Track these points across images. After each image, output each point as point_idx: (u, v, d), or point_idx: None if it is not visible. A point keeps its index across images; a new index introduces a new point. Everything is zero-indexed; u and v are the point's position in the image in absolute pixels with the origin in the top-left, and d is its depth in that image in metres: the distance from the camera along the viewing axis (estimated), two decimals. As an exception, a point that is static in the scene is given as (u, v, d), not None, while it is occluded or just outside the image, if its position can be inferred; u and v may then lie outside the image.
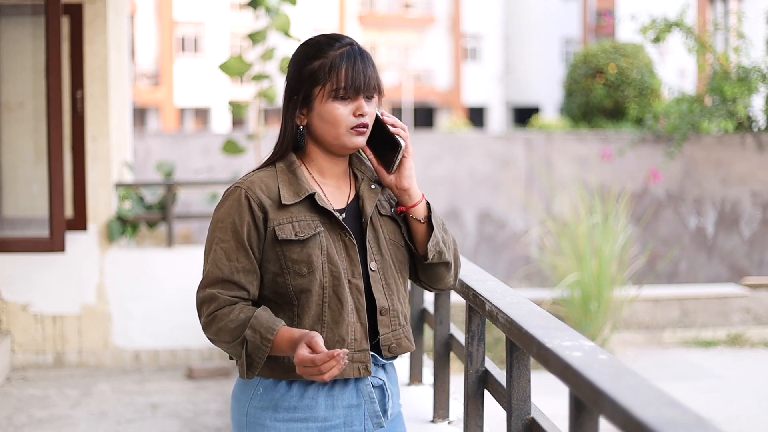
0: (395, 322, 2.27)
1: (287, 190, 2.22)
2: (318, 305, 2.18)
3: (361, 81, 2.20)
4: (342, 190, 2.30)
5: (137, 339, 6.87)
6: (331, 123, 2.21)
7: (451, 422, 3.63)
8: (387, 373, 2.33)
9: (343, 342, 2.19)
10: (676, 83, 17.79)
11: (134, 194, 7.29)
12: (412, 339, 2.34)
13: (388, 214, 2.31)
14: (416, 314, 4.06)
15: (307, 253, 2.18)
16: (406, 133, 2.27)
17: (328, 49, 2.22)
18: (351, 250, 2.22)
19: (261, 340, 2.12)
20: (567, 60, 37.33)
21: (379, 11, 43.08)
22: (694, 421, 1.56)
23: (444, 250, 2.31)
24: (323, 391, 2.23)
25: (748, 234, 12.79)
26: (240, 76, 8.03)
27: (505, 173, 14.62)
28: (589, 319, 8.69)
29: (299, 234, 2.19)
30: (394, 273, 2.28)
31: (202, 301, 2.20)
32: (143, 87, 37.11)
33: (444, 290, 2.42)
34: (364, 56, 2.23)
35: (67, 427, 5.47)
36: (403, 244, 2.31)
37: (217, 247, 2.21)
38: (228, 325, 2.15)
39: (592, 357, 1.95)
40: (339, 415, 2.24)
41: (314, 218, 2.21)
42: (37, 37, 6.21)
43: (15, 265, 6.70)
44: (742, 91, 12.63)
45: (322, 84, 2.20)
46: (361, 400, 2.26)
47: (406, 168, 2.27)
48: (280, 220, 2.19)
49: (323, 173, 2.29)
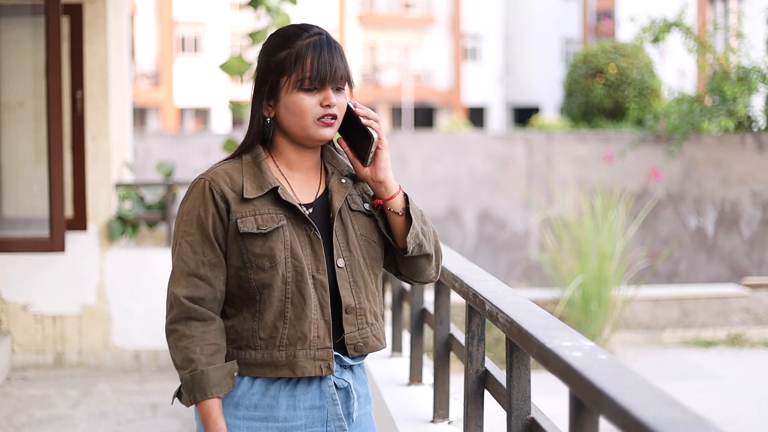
0: (362, 321, 2.23)
1: (251, 183, 2.18)
2: (280, 300, 2.15)
3: (328, 71, 2.16)
4: (311, 183, 2.26)
5: (137, 339, 6.87)
6: (297, 114, 2.17)
7: (451, 422, 3.63)
8: (354, 374, 2.28)
9: (305, 339, 2.16)
10: (676, 83, 17.81)
11: (134, 194, 7.29)
12: (383, 337, 2.29)
13: (360, 209, 2.26)
14: (416, 314, 4.06)
15: (269, 246, 2.15)
16: (378, 125, 2.23)
17: (296, 39, 2.18)
18: (316, 245, 2.18)
19: (191, 393, 2.13)
20: (567, 60, 37.33)
21: (379, 11, 43.07)
22: (694, 421, 1.56)
23: (424, 242, 2.27)
24: (285, 390, 2.20)
25: (748, 234, 12.79)
26: (240, 75, 8.02)
27: (505, 173, 14.62)
28: (589, 319, 8.69)
29: (261, 227, 2.15)
30: (363, 270, 2.24)
31: (167, 301, 2.19)
32: (143, 87, 37.11)
33: (426, 283, 2.38)
34: (331, 46, 2.18)
35: (67, 427, 5.47)
36: (376, 240, 2.27)
37: (182, 241, 2.18)
38: (182, 351, 2.14)
39: (592, 357, 1.94)
40: (300, 416, 2.21)
41: (278, 212, 2.17)
42: (37, 37, 6.21)
43: (15, 265, 6.70)
44: (741, 91, 12.63)
45: (288, 74, 2.16)
46: (323, 402, 2.22)
47: (382, 160, 2.23)
48: (242, 212, 2.16)
49: (291, 166, 2.25)
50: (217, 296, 2.18)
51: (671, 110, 13.61)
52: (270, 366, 2.17)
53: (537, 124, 24.87)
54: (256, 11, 8.02)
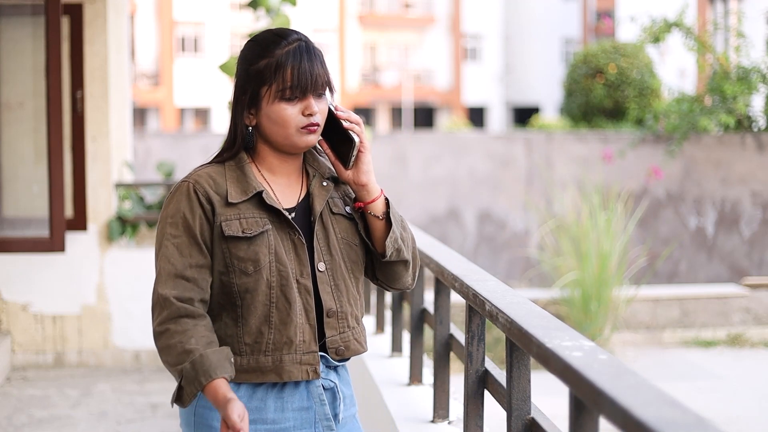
0: (343, 324, 2.22)
1: (234, 188, 2.17)
2: (265, 305, 2.14)
3: (309, 80, 2.14)
4: (293, 188, 2.25)
5: (137, 339, 6.87)
6: (279, 124, 2.16)
7: (451, 422, 3.63)
8: (339, 375, 2.28)
9: (291, 344, 2.15)
10: (676, 83, 17.80)
11: (134, 194, 7.29)
12: (364, 341, 2.28)
13: (341, 212, 2.25)
14: (416, 314, 4.06)
15: (254, 251, 2.13)
16: (360, 128, 2.22)
17: (274, 47, 2.16)
18: (300, 250, 2.17)
19: (195, 380, 2.06)
20: (567, 60, 37.32)
21: (379, 11, 43.07)
22: (694, 421, 1.56)
23: (402, 248, 2.26)
24: (272, 393, 2.19)
25: (748, 234, 12.79)
26: (240, 76, 8.01)
27: (505, 173, 14.62)
28: (589, 319, 8.69)
29: (246, 231, 2.14)
30: (344, 273, 2.23)
31: (154, 304, 2.14)
32: (143, 87, 37.11)
33: (401, 290, 2.36)
34: (311, 54, 2.16)
35: (67, 427, 5.47)
36: (357, 243, 2.26)
37: (168, 243, 2.15)
38: (175, 347, 2.08)
39: (592, 357, 1.94)
40: (289, 418, 2.20)
41: (262, 216, 2.16)
42: (37, 37, 6.21)
43: (15, 265, 6.70)
44: (741, 91, 12.63)
45: (269, 84, 2.15)
46: (311, 403, 2.22)
47: (364, 163, 2.22)
48: (227, 216, 2.15)
49: (273, 171, 2.23)
50: (204, 298, 2.16)
51: (671, 110, 13.61)
52: (256, 371, 2.16)
53: (537, 124, 24.86)
54: (256, 12, 8.01)
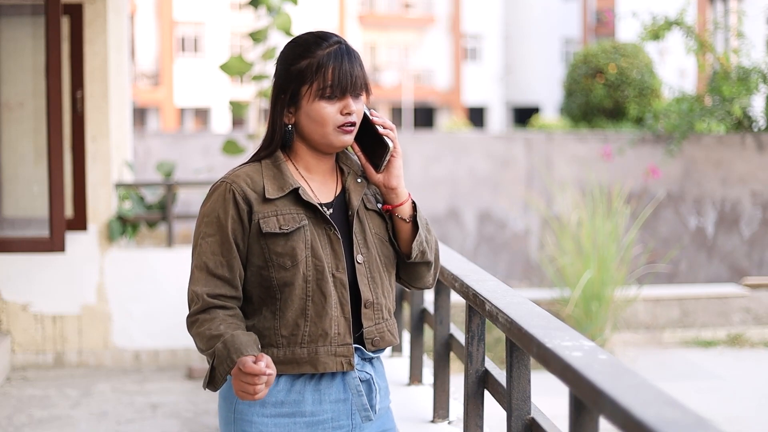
0: (378, 316, 2.29)
1: (272, 184, 2.24)
2: (301, 299, 2.20)
3: (348, 80, 2.22)
4: (328, 185, 2.32)
5: (137, 339, 6.87)
6: (318, 122, 2.23)
7: (451, 422, 3.63)
8: (374, 367, 2.34)
9: (326, 336, 2.21)
10: (676, 83, 17.78)
11: (134, 194, 7.29)
12: (396, 333, 2.35)
13: (374, 208, 2.33)
14: (416, 314, 4.06)
15: (291, 246, 2.20)
16: (394, 134, 2.29)
17: (316, 48, 2.24)
18: (336, 245, 2.24)
19: (227, 359, 2.12)
20: (567, 60, 37.32)
21: (379, 11, 43.07)
22: (694, 421, 1.56)
23: (427, 250, 2.34)
24: (310, 385, 2.25)
25: (748, 234, 12.79)
26: (240, 76, 8.02)
27: (505, 173, 14.62)
28: (590, 319, 8.69)
29: (283, 227, 2.21)
30: (379, 266, 2.30)
31: (189, 300, 2.24)
32: (143, 87, 37.11)
33: (423, 289, 2.46)
34: (351, 55, 2.25)
35: (67, 427, 5.47)
36: (387, 240, 2.33)
37: (203, 242, 2.24)
38: (205, 333, 2.17)
39: (592, 357, 1.95)
40: (326, 410, 2.25)
41: (299, 212, 2.23)
42: (37, 37, 6.21)
43: (15, 265, 6.70)
44: (741, 91, 12.63)
45: (310, 83, 2.22)
46: (348, 394, 2.27)
47: (395, 167, 2.30)
48: (264, 213, 2.22)
49: (309, 169, 2.31)
50: (236, 295, 2.24)
51: (671, 110, 13.61)
52: (292, 363, 2.22)
53: (537, 124, 24.87)
54: (257, 11, 8.01)
